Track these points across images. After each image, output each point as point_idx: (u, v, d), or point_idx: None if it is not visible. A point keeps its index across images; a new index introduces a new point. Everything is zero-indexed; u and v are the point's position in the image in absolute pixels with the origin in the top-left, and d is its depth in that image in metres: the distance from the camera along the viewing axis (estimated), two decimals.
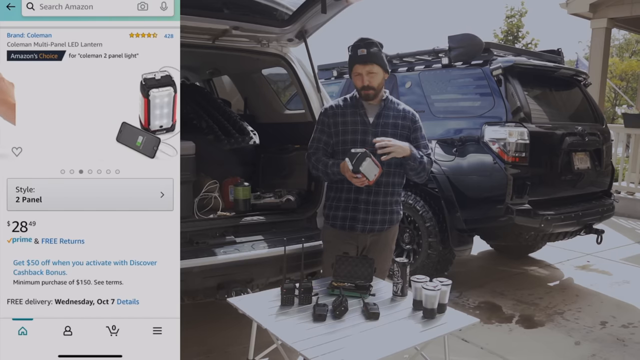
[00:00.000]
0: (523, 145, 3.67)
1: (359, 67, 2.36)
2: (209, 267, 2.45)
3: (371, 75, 2.35)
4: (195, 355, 2.84)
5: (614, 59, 23.13)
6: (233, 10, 2.83)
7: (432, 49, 4.41)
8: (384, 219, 2.43)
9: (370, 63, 2.34)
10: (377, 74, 2.36)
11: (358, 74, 2.37)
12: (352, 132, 2.40)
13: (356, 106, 2.43)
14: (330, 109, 2.48)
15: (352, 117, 2.42)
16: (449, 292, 2.01)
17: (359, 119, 2.41)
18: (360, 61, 2.35)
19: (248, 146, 3.36)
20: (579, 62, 10.26)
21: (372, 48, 2.34)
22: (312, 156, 2.47)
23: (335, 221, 2.46)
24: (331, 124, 2.44)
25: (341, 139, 2.41)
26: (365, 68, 2.34)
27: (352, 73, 2.41)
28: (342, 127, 2.42)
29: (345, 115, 2.43)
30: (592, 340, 3.18)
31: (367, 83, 2.35)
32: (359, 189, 2.36)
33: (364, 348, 1.69)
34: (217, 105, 3.73)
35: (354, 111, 2.43)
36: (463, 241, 3.95)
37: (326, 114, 2.48)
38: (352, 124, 2.41)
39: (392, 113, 2.43)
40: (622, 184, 7.41)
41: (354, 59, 2.38)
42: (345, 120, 2.42)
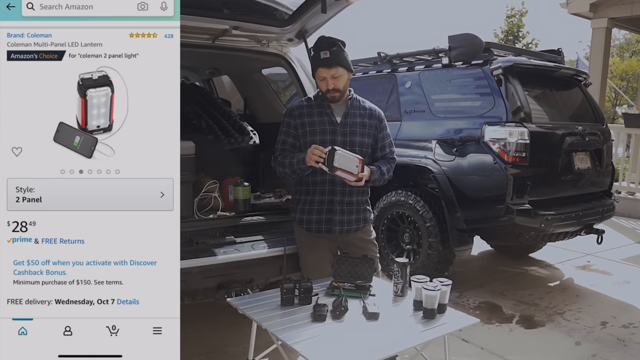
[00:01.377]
0: (523, 145, 3.67)
1: (323, 71, 2.31)
2: (209, 267, 2.45)
3: (336, 78, 2.30)
4: (195, 355, 2.84)
5: (615, 58, 23.12)
6: (233, 10, 2.83)
7: (432, 49, 4.41)
8: (358, 218, 2.44)
9: (334, 66, 2.29)
10: (341, 76, 2.32)
11: (322, 78, 2.32)
12: (321, 133, 2.36)
13: (322, 106, 2.39)
14: (296, 109, 2.43)
15: (319, 117, 2.38)
16: (449, 292, 2.01)
17: (326, 119, 2.37)
18: (323, 64, 2.30)
19: (248, 146, 3.36)
20: (579, 61, 10.26)
21: (334, 49, 2.29)
22: (278, 157, 2.42)
23: (310, 225, 2.43)
24: (298, 125, 2.39)
25: (309, 140, 2.35)
26: (329, 72, 2.29)
27: (317, 77, 2.36)
28: (310, 128, 2.37)
29: (311, 115, 2.39)
30: (593, 340, 3.18)
31: (333, 86, 2.31)
32: (333, 191, 2.36)
33: (364, 348, 1.68)
34: (217, 105, 3.73)
35: (321, 111, 2.38)
36: (463, 241, 3.95)
37: (292, 115, 2.42)
38: (320, 124, 2.37)
39: (358, 112, 2.41)
40: (623, 184, 7.41)
41: (316, 62, 2.33)
42: (312, 121, 2.38)
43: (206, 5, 2.78)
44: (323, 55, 2.28)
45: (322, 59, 2.29)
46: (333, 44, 2.30)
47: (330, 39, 2.33)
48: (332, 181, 2.35)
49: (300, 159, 2.29)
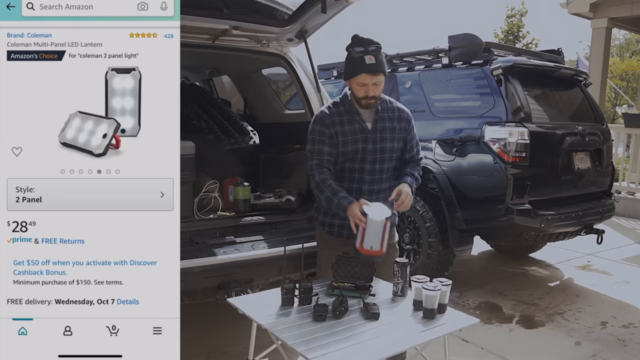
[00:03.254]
0: (523, 145, 3.67)
1: (366, 77, 2.13)
2: (209, 267, 2.45)
3: (377, 85, 2.16)
4: (195, 355, 2.84)
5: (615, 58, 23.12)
6: (233, 10, 2.83)
7: (432, 49, 4.41)
8: None
9: (379, 73, 2.14)
10: (381, 83, 2.19)
11: (363, 84, 2.15)
12: (353, 142, 2.24)
13: (351, 112, 2.26)
14: (328, 118, 2.26)
15: (349, 125, 2.25)
16: (449, 292, 2.00)
17: (357, 127, 2.24)
18: (369, 70, 2.12)
19: (248, 146, 3.36)
20: (579, 61, 10.26)
21: (378, 53, 2.14)
22: (316, 172, 2.23)
23: (332, 229, 2.36)
24: (332, 134, 2.24)
25: (341, 150, 2.25)
26: (373, 79, 2.13)
27: (354, 81, 2.18)
28: (342, 138, 2.24)
29: (342, 123, 2.25)
30: (593, 340, 3.18)
31: (373, 94, 2.17)
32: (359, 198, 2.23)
33: (364, 348, 1.68)
34: (217, 105, 3.73)
35: (351, 118, 2.25)
36: (463, 241, 3.94)
37: (324, 124, 2.25)
38: (351, 132, 2.24)
39: (387, 115, 2.29)
40: (623, 184, 7.41)
41: (360, 67, 2.13)
42: (344, 130, 2.24)
43: (206, 5, 2.78)
44: (369, 61, 2.11)
45: (368, 65, 2.11)
46: (378, 49, 2.13)
47: (373, 41, 2.15)
48: (359, 189, 2.27)
49: (341, 207, 2.16)
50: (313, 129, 2.29)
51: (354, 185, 2.29)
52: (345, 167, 2.30)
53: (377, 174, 2.29)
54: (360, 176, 2.29)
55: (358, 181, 2.29)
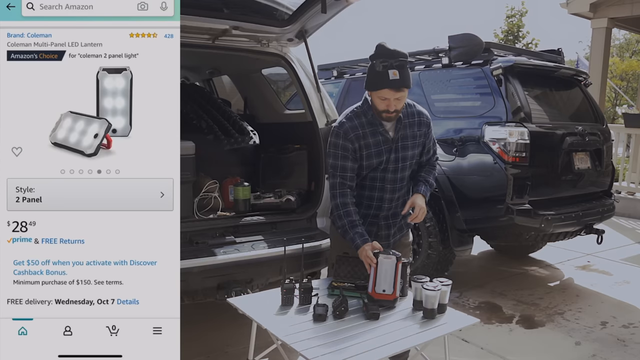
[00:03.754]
0: (523, 145, 3.67)
1: (389, 93, 2.05)
2: (209, 267, 2.45)
3: (399, 100, 2.08)
4: (195, 355, 2.84)
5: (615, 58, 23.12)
6: (233, 10, 2.83)
7: (432, 49, 4.41)
8: (401, 227, 2.38)
9: (402, 89, 2.06)
10: (404, 98, 2.10)
11: (385, 98, 2.07)
12: (377, 155, 2.18)
13: (374, 123, 2.17)
14: (351, 132, 2.16)
15: (373, 137, 2.17)
16: (449, 292, 2.00)
17: (380, 138, 2.18)
18: (392, 86, 2.04)
19: (248, 146, 3.36)
20: (579, 61, 10.26)
21: (403, 67, 2.05)
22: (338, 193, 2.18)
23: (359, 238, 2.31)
24: (356, 148, 2.17)
25: (366, 164, 2.19)
26: (396, 94, 2.06)
27: (376, 94, 2.09)
28: (367, 151, 2.18)
29: (366, 136, 2.17)
30: (593, 340, 3.18)
31: (394, 108, 2.09)
32: (379, 206, 2.24)
33: (363, 348, 1.68)
34: (217, 105, 3.73)
35: (374, 130, 2.17)
36: (463, 241, 3.95)
37: (347, 139, 2.16)
38: (375, 145, 2.18)
39: (408, 121, 2.21)
40: (623, 184, 7.41)
41: (383, 82, 2.04)
42: (367, 143, 2.17)
43: (206, 5, 2.78)
44: (393, 76, 2.02)
45: (392, 81, 2.03)
46: (404, 62, 2.06)
47: (400, 53, 2.06)
48: (380, 198, 2.24)
49: (354, 244, 2.11)
50: (336, 143, 2.19)
51: (375, 193, 2.25)
52: (367, 176, 2.25)
53: (398, 182, 2.25)
54: (382, 185, 2.25)
55: (380, 190, 2.25)
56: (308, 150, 3.25)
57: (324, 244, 2.78)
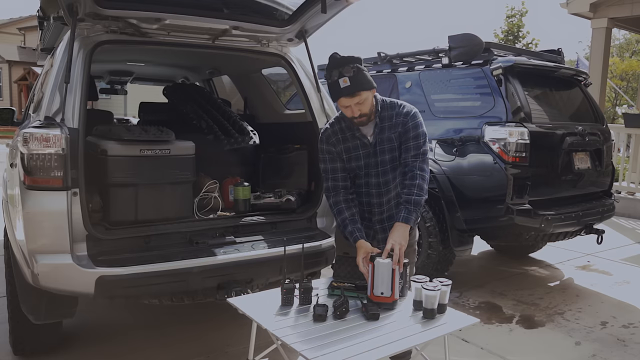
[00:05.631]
0: (523, 145, 3.67)
1: (345, 100, 2.09)
2: (209, 267, 2.45)
3: (361, 104, 2.11)
4: (195, 355, 2.84)
5: (615, 58, 23.14)
6: (233, 10, 2.83)
7: (432, 49, 4.41)
8: None
9: (357, 93, 2.07)
10: (366, 99, 2.11)
11: (346, 106, 2.12)
12: (355, 159, 2.24)
13: (351, 128, 2.24)
14: (333, 136, 2.26)
15: (352, 141, 2.24)
16: (449, 292, 2.00)
17: (358, 142, 2.24)
18: (344, 94, 2.08)
19: (248, 146, 3.36)
20: (579, 61, 10.27)
21: (354, 73, 2.05)
22: (331, 195, 2.27)
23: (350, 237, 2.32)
24: (340, 151, 2.25)
25: (347, 167, 2.26)
26: (352, 100, 2.09)
27: (338, 104, 2.15)
28: (346, 155, 2.25)
29: (346, 140, 2.25)
30: (593, 340, 3.18)
31: (359, 113, 2.13)
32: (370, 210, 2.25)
33: (363, 348, 1.68)
34: (217, 105, 3.73)
35: (352, 134, 2.24)
36: (463, 241, 3.95)
37: (330, 143, 2.26)
38: (354, 149, 2.24)
39: (386, 124, 2.22)
40: (623, 184, 7.41)
41: (336, 92, 2.10)
42: (347, 147, 2.25)
43: (206, 5, 2.78)
44: (343, 84, 2.05)
45: (343, 89, 2.06)
46: (350, 66, 2.06)
47: (344, 59, 2.07)
48: (368, 203, 2.27)
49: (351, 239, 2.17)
50: (321, 148, 2.29)
51: (363, 199, 2.28)
52: (355, 182, 2.29)
53: (383, 186, 2.25)
54: (367, 190, 2.26)
55: (366, 195, 2.27)
56: (308, 150, 3.25)
57: (324, 244, 2.78)
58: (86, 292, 2.25)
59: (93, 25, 2.57)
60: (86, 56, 2.48)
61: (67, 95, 2.35)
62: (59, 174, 2.23)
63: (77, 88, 2.40)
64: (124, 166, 2.60)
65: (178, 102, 3.85)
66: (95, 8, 2.40)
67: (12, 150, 2.83)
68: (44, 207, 2.21)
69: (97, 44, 2.55)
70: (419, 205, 2.15)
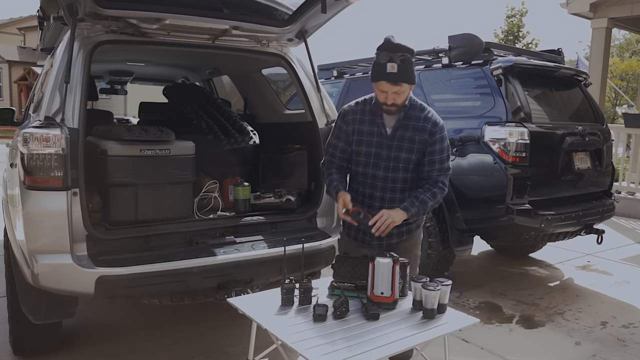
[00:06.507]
0: (523, 145, 3.66)
1: (385, 85, 2.06)
2: (209, 267, 2.45)
3: (398, 94, 2.08)
4: (195, 355, 2.84)
5: (615, 58, 23.15)
6: (233, 10, 2.83)
7: (432, 49, 4.40)
8: (401, 231, 2.26)
9: (400, 83, 2.05)
10: (404, 92, 2.09)
11: (383, 91, 2.09)
12: (367, 144, 2.21)
13: (375, 113, 2.20)
14: (350, 114, 2.25)
15: (369, 126, 2.21)
16: (449, 292, 2.01)
17: (375, 130, 2.20)
18: (388, 79, 2.05)
19: (248, 146, 3.36)
20: (579, 61, 10.26)
21: (404, 62, 2.03)
22: (325, 164, 2.34)
23: (349, 230, 2.35)
24: (349, 132, 2.24)
25: (355, 149, 2.24)
26: (393, 88, 2.06)
27: (376, 86, 2.12)
28: (358, 137, 2.22)
29: (363, 122, 2.21)
30: (593, 340, 3.18)
31: (392, 102, 2.10)
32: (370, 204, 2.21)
33: (363, 348, 1.68)
34: (217, 105, 3.73)
35: (372, 119, 2.20)
36: (463, 241, 3.94)
37: (345, 120, 2.25)
38: (368, 134, 2.20)
39: (411, 124, 2.18)
40: (623, 184, 7.41)
41: (380, 74, 2.06)
42: (361, 129, 2.21)
43: (206, 5, 2.78)
44: (390, 69, 2.02)
45: (389, 74, 2.03)
46: (404, 56, 2.03)
47: (399, 45, 2.05)
48: (371, 195, 2.23)
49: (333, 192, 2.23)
50: (335, 122, 2.33)
51: (366, 190, 2.24)
52: (359, 171, 2.26)
53: (389, 182, 2.21)
54: (373, 182, 2.23)
55: (370, 187, 2.24)
56: (308, 150, 3.25)
57: (324, 244, 2.78)
58: (86, 292, 2.25)
59: (93, 25, 2.57)
60: (86, 56, 2.48)
61: (67, 95, 2.36)
62: (59, 174, 2.23)
63: (77, 88, 2.40)
64: (124, 166, 2.60)
65: (178, 102, 3.85)
66: (95, 8, 2.40)
67: (12, 150, 2.83)
68: (44, 207, 2.21)
69: (97, 44, 2.55)
70: (425, 205, 2.16)
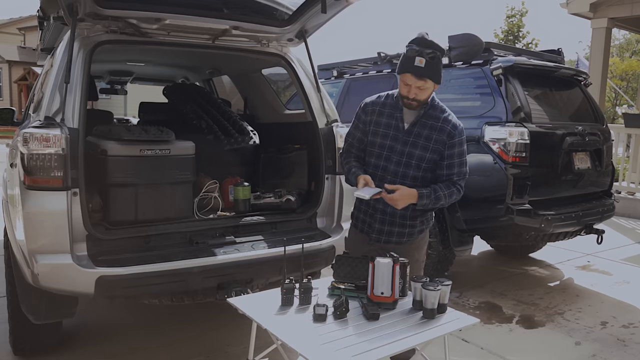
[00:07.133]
0: (523, 145, 3.67)
1: (410, 78, 2.09)
2: (209, 267, 2.45)
3: (421, 90, 2.10)
4: (195, 355, 2.84)
5: (615, 58, 23.14)
6: (233, 10, 2.83)
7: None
8: (401, 232, 2.26)
9: (424, 78, 2.08)
10: (428, 89, 2.11)
11: (407, 84, 2.11)
12: (383, 136, 2.22)
13: (395, 107, 2.22)
14: (370, 105, 2.28)
15: (387, 118, 2.22)
16: (449, 292, 2.00)
17: (393, 123, 2.21)
18: (414, 72, 2.07)
19: (248, 146, 3.36)
20: (579, 61, 10.26)
21: (433, 59, 2.07)
22: (343, 153, 2.38)
23: (357, 222, 2.38)
24: (367, 122, 2.26)
25: (370, 140, 2.26)
26: (417, 82, 2.08)
27: (401, 78, 2.13)
28: (374, 127, 2.24)
29: (382, 115, 2.24)
30: (593, 340, 3.18)
31: (414, 96, 2.12)
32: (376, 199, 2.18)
33: (364, 348, 1.68)
34: (217, 105, 3.73)
35: (391, 113, 2.22)
36: (463, 241, 3.94)
37: (365, 111, 2.29)
38: (385, 126, 2.22)
39: (430, 122, 2.19)
40: (623, 184, 7.41)
41: (407, 66, 2.08)
42: (379, 121, 2.23)
43: (206, 5, 2.78)
44: (417, 63, 2.05)
45: (415, 67, 2.06)
46: (433, 52, 2.08)
47: (430, 42, 2.10)
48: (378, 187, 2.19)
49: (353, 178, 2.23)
50: (357, 113, 2.34)
51: (375, 182, 2.21)
52: (371, 162, 2.26)
53: (399, 177, 2.20)
54: (383, 175, 2.22)
55: (380, 179, 2.22)
56: (308, 150, 3.25)
57: (324, 244, 2.78)
58: (86, 292, 2.25)
59: (93, 25, 2.57)
60: (86, 56, 2.48)
61: (67, 95, 2.36)
62: (59, 174, 2.23)
63: (77, 88, 2.40)
64: (124, 166, 2.60)
65: (178, 102, 3.85)
66: (95, 8, 2.40)
67: (12, 150, 2.83)
68: (44, 207, 2.21)
69: (97, 44, 2.55)
70: (437, 202, 2.19)
